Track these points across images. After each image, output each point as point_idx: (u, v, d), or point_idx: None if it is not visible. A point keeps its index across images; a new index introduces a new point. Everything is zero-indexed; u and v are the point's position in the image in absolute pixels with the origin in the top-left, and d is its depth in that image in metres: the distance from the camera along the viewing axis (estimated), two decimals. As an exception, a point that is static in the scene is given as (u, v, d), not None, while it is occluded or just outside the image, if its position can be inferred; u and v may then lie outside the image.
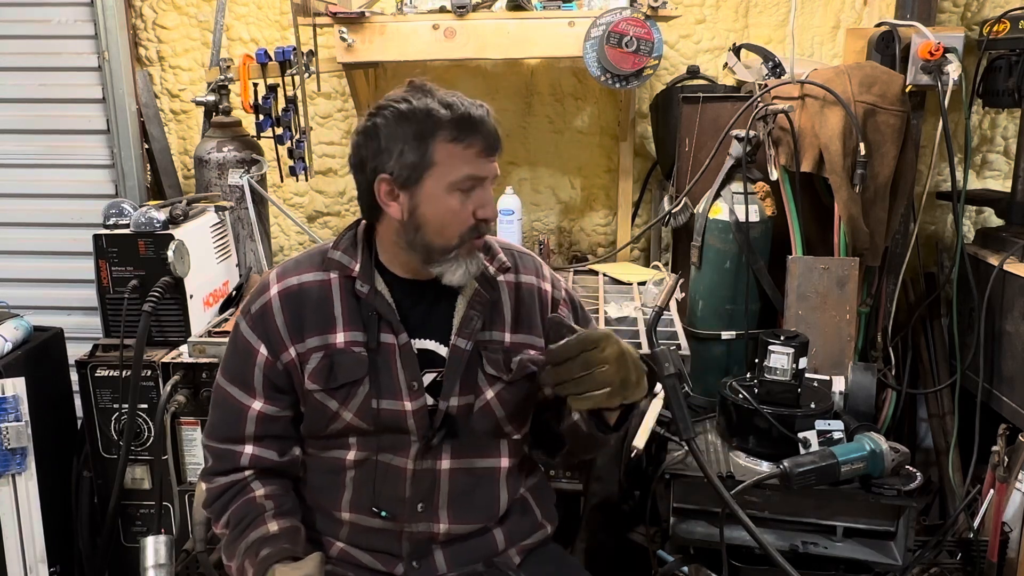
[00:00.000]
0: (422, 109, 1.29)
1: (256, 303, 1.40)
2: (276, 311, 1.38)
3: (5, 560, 2.05)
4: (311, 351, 1.36)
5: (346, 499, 1.41)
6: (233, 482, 1.40)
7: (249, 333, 1.39)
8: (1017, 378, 2.26)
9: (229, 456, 1.40)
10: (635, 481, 2.13)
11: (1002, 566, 2.07)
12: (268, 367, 1.38)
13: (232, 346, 1.43)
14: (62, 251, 2.91)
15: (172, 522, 2.17)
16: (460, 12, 2.35)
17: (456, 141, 1.29)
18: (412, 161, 1.29)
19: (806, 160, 2.27)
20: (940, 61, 2.23)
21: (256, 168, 2.55)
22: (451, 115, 1.28)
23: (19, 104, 2.86)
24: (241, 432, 1.40)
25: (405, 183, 1.30)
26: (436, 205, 1.30)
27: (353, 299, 1.37)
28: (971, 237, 2.73)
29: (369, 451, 1.39)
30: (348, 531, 1.42)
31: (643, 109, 2.87)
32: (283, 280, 1.40)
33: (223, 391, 1.42)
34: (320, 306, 1.38)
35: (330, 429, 1.38)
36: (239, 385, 1.40)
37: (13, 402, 2.01)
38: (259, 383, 1.39)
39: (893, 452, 1.82)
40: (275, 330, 1.37)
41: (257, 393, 1.39)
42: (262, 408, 1.39)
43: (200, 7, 2.91)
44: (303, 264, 1.42)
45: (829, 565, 1.88)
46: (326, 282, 1.39)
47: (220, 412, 1.42)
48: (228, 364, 1.43)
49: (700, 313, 2.36)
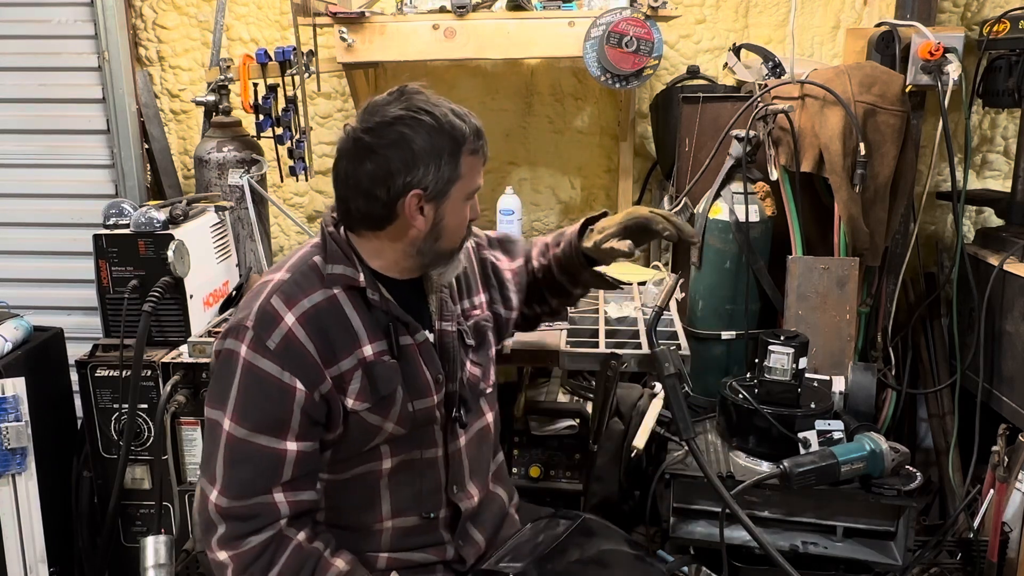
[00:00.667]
0: (448, 121, 1.30)
1: (273, 336, 1.26)
2: (303, 339, 1.28)
3: (5, 560, 2.05)
4: (349, 372, 1.31)
5: (385, 508, 1.40)
6: (270, 538, 1.27)
7: (278, 371, 1.26)
8: (1017, 378, 2.26)
9: (264, 511, 1.26)
10: (635, 481, 2.13)
11: (1002, 566, 2.07)
12: (308, 403, 1.27)
13: (252, 389, 1.26)
14: (62, 251, 2.91)
15: (172, 522, 2.17)
16: (460, 12, 2.35)
17: (475, 153, 1.34)
18: (447, 175, 1.31)
19: (806, 160, 2.27)
20: (940, 61, 2.23)
21: (256, 168, 2.55)
22: (467, 127, 1.31)
23: (19, 104, 2.86)
24: (276, 482, 1.27)
25: (435, 197, 1.31)
26: (457, 215, 1.36)
27: (366, 309, 1.35)
28: (971, 237, 2.73)
29: (403, 454, 1.40)
30: (390, 538, 1.42)
31: (643, 109, 2.87)
32: (295, 304, 1.30)
33: (248, 445, 1.25)
34: (340, 323, 1.32)
35: (370, 444, 1.36)
36: (269, 431, 1.26)
37: (13, 402, 2.01)
38: (296, 422, 1.27)
39: (893, 452, 1.82)
40: (308, 360, 1.27)
41: (291, 433, 1.27)
42: (299, 448, 1.27)
43: (200, 7, 2.91)
44: (303, 284, 1.33)
45: (829, 565, 1.88)
46: (333, 298, 1.33)
47: (249, 467, 1.26)
48: (249, 411, 1.26)
49: (700, 313, 2.36)
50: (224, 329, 1.33)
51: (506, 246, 1.70)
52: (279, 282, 1.33)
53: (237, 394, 1.26)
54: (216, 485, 1.26)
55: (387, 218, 1.32)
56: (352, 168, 1.31)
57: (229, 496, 1.25)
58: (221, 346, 1.31)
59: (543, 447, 2.21)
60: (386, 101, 1.32)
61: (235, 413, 1.26)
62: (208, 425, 1.30)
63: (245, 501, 1.26)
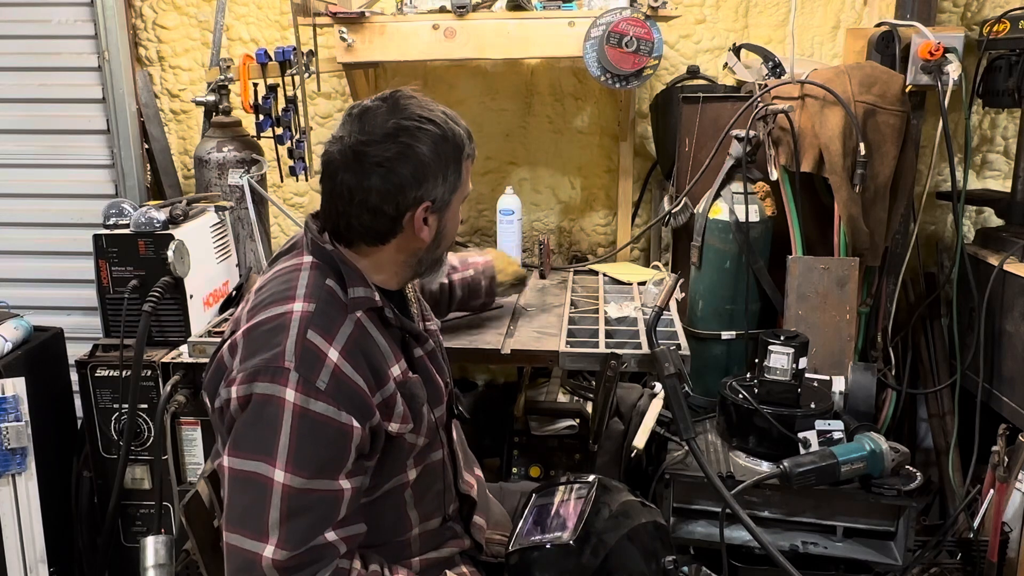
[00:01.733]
0: (449, 128, 1.28)
1: (321, 375, 1.18)
2: (351, 373, 1.21)
3: (5, 560, 2.05)
4: (392, 396, 1.27)
5: (414, 517, 1.40)
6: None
7: (334, 412, 1.17)
8: (1017, 378, 2.26)
9: (325, 552, 1.18)
10: (635, 481, 2.13)
11: (1002, 566, 2.06)
12: (362, 440, 1.22)
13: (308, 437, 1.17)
14: (62, 251, 2.91)
15: (172, 522, 2.17)
16: (460, 12, 2.35)
17: (471, 158, 1.34)
18: (454, 185, 1.30)
19: (806, 160, 2.27)
20: (940, 61, 2.23)
21: (256, 168, 2.55)
22: (464, 132, 1.31)
23: (19, 104, 2.86)
24: (333, 521, 1.19)
25: (440, 207, 1.31)
26: (454, 221, 1.38)
27: (383, 328, 1.32)
28: (971, 237, 2.73)
29: (423, 461, 1.40)
30: (419, 544, 1.42)
31: (643, 109, 2.87)
32: (333, 338, 1.22)
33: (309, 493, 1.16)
34: (374, 348, 1.28)
35: (400, 461, 1.34)
36: (327, 475, 1.18)
37: (13, 402, 2.01)
38: (351, 461, 1.21)
39: (893, 452, 1.82)
40: (360, 394, 1.21)
41: (344, 472, 1.20)
42: (352, 485, 1.21)
43: (200, 7, 2.91)
44: (332, 314, 1.25)
45: (829, 565, 1.88)
46: (359, 323, 1.27)
47: (309, 515, 1.17)
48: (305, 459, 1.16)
49: (700, 313, 2.36)
50: (245, 371, 1.19)
51: None
52: (306, 313, 1.22)
53: (290, 442, 1.15)
54: (271, 540, 1.15)
55: (392, 232, 1.28)
56: (356, 182, 1.24)
57: (289, 548, 1.15)
58: (250, 390, 1.18)
59: (543, 447, 2.21)
60: (380, 108, 1.26)
61: (290, 464, 1.15)
62: (241, 476, 1.17)
63: (304, 547, 1.16)
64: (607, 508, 1.43)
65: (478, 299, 2.01)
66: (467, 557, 1.51)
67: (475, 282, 1.99)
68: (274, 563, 1.14)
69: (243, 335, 1.24)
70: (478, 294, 2.00)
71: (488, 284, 2.00)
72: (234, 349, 1.24)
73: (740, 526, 1.81)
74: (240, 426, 1.19)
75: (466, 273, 1.98)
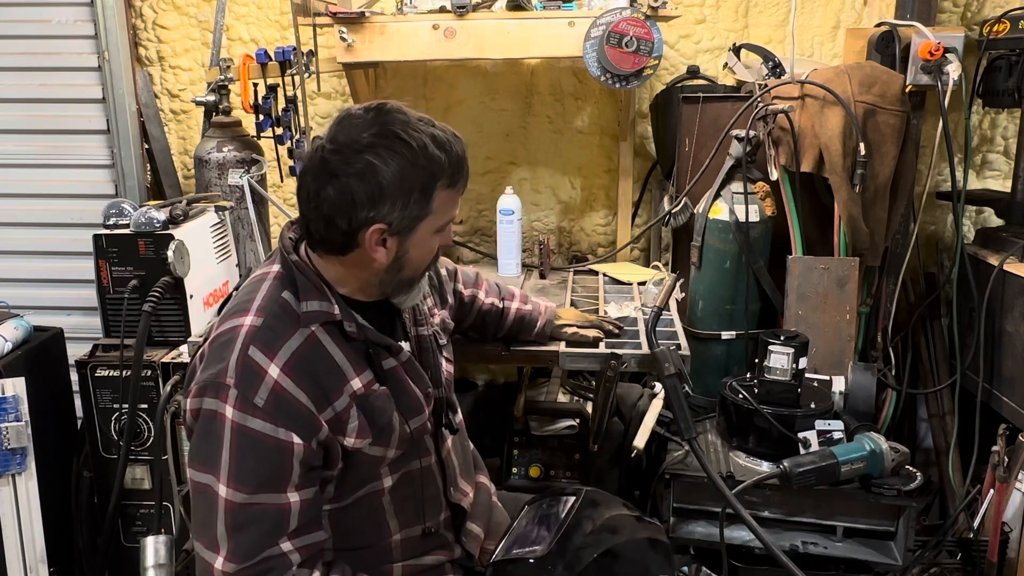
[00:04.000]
0: (426, 155, 1.21)
1: (259, 392, 1.19)
2: (292, 390, 1.20)
3: (5, 560, 2.05)
4: (345, 411, 1.26)
5: (392, 524, 1.39)
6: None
7: (272, 429, 1.18)
8: (1017, 378, 2.26)
9: (276, 564, 1.20)
10: (635, 481, 2.13)
11: (1002, 566, 2.06)
12: (307, 454, 1.21)
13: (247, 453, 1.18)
14: (62, 251, 2.91)
15: (172, 522, 2.17)
16: (460, 12, 2.35)
17: (451, 187, 1.26)
18: (415, 212, 1.24)
19: (806, 160, 2.27)
20: (940, 61, 2.23)
21: (256, 168, 2.55)
22: (448, 159, 1.23)
23: (19, 104, 2.86)
24: (283, 533, 1.20)
25: (399, 232, 1.25)
26: (423, 248, 1.29)
27: (344, 341, 1.29)
28: (971, 237, 2.73)
29: (402, 468, 1.39)
30: (401, 550, 1.41)
31: (643, 109, 2.87)
32: (275, 354, 1.21)
33: (251, 508, 1.18)
34: (325, 362, 1.26)
35: (371, 471, 1.34)
36: (269, 489, 1.19)
37: (13, 402, 2.01)
38: (296, 475, 1.21)
39: (893, 452, 1.82)
40: (301, 410, 1.20)
41: (291, 485, 1.20)
42: (301, 497, 1.22)
43: (200, 7, 2.91)
44: (278, 329, 1.24)
45: (829, 565, 1.88)
46: (312, 337, 1.26)
47: (254, 529, 1.18)
48: (244, 475, 1.17)
49: (700, 313, 2.36)
50: (197, 384, 1.22)
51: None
52: (252, 328, 1.23)
53: (230, 458, 1.18)
54: (221, 552, 1.18)
55: (348, 246, 1.26)
56: (315, 188, 1.23)
57: (237, 560, 1.18)
58: (199, 404, 1.21)
59: (543, 447, 2.21)
60: (360, 119, 1.23)
61: (231, 479, 1.17)
62: (197, 488, 1.21)
63: (254, 559, 1.18)
64: (590, 522, 1.39)
65: (527, 334, 1.89)
66: (458, 566, 1.49)
67: (530, 318, 1.88)
68: (230, 571, 1.17)
69: (208, 346, 1.27)
70: (528, 330, 1.88)
71: (542, 326, 1.89)
72: (202, 357, 1.27)
73: (740, 526, 1.82)
74: (194, 438, 1.23)
75: (524, 307, 1.89)
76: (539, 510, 1.51)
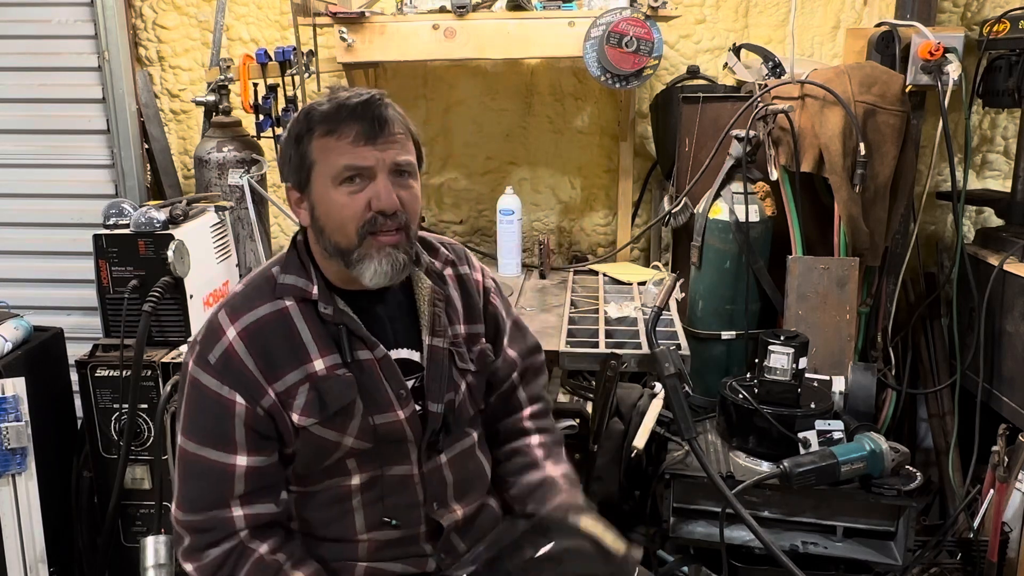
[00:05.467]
0: (303, 111, 1.29)
1: (214, 351, 1.26)
2: (242, 354, 1.26)
3: (5, 560, 2.05)
4: (294, 387, 1.28)
5: (359, 523, 1.37)
6: (230, 549, 1.27)
7: (217, 385, 1.26)
8: (1017, 378, 2.26)
9: (219, 524, 1.27)
10: (635, 481, 2.13)
11: (1002, 566, 2.07)
12: (250, 417, 1.26)
13: (197, 404, 1.28)
14: (62, 251, 2.91)
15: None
16: (460, 12, 2.35)
17: (329, 134, 1.25)
18: (296, 163, 1.29)
19: (806, 160, 2.27)
20: (940, 61, 2.23)
21: (256, 168, 2.55)
22: (328, 109, 1.26)
23: (19, 104, 2.86)
24: (228, 496, 1.26)
25: (300, 187, 1.30)
26: (327, 203, 1.27)
27: (318, 322, 1.30)
28: (971, 237, 2.73)
29: (373, 469, 1.36)
30: (367, 549, 1.39)
31: (643, 109, 2.87)
32: (238, 319, 1.28)
33: (196, 458, 1.27)
34: (286, 337, 1.28)
35: (331, 459, 1.33)
36: (215, 444, 1.26)
37: (13, 402, 2.01)
38: (241, 437, 1.26)
39: (893, 452, 1.82)
40: (247, 375, 1.26)
41: (239, 448, 1.26)
42: (249, 463, 1.27)
43: (200, 7, 2.91)
44: (252, 297, 1.30)
45: (829, 565, 1.88)
46: (283, 311, 1.29)
47: (197, 482, 1.27)
48: (195, 425, 1.27)
49: (700, 313, 2.36)
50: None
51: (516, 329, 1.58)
52: (232, 295, 1.33)
53: (186, 409, 1.29)
54: (175, 497, 1.30)
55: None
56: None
57: (184, 509, 1.28)
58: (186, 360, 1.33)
59: (543, 447, 2.20)
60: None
61: (184, 429, 1.28)
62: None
63: (200, 515, 1.27)
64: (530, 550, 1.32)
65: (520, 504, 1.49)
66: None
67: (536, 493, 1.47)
68: (177, 521, 1.29)
69: None
70: (521, 499, 1.49)
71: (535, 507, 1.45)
72: None
73: (740, 526, 1.82)
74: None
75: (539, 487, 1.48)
76: (500, 531, 1.45)
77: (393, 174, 1.27)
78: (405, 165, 1.28)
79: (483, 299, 1.50)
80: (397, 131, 1.27)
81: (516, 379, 1.55)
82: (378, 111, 1.25)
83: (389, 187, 1.26)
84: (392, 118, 1.27)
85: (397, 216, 1.27)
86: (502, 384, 1.54)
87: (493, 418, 1.56)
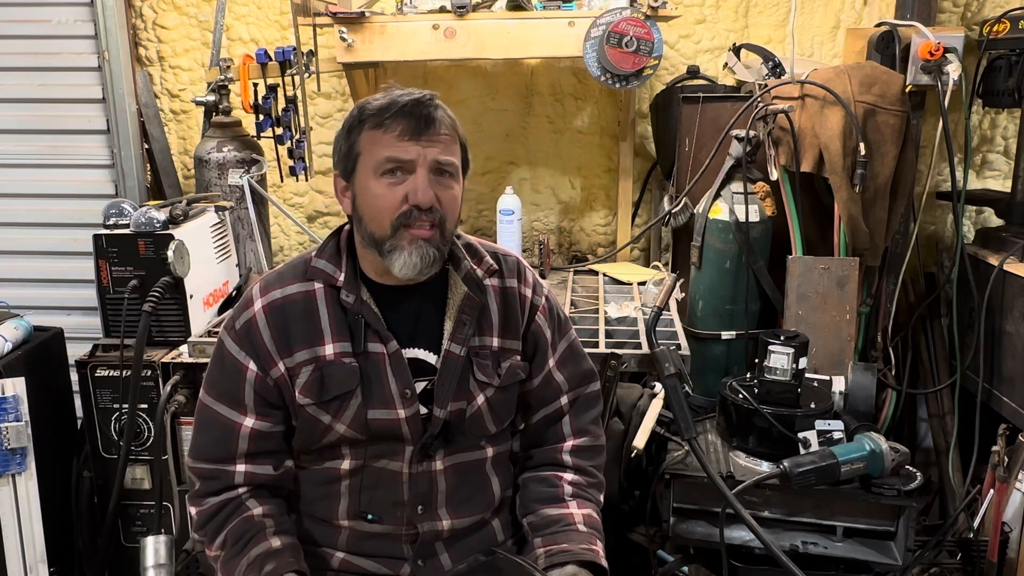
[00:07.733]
0: (358, 105, 1.34)
1: (241, 318, 1.37)
2: (262, 326, 1.35)
3: (5, 560, 2.05)
4: (301, 365, 1.34)
5: (343, 508, 1.39)
6: (227, 500, 1.36)
7: (236, 349, 1.36)
8: (1017, 378, 2.26)
9: (221, 476, 1.36)
10: (635, 481, 2.13)
11: (1002, 566, 2.07)
12: (259, 383, 1.35)
13: (218, 363, 1.39)
14: (62, 251, 2.91)
15: (172, 522, 2.17)
16: (460, 12, 2.35)
17: (377, 127, 1.30)
18: (344, 153, 1.34)
19: (806, 160, 2.27)
20: (940, 61, 2.23)
21: (256, 168, 2.55)
22: (381, 103, 1.31)
23: (19, 104, 2.86)
24: (233, 451, 1.36)
25: (346, 176, 1.35)
26: (367, 193, 1.32)
27: (339, 309, 1.35)
28: (971, 237, 2.73)
29: (362, 459, 1.38)
30: (347, 538, 1.41)
31: (643, 109, 2.87)
32: (267, 294, 1.37)
33: (211, 411, 1.37)
34: (306, 318, 1.35)
35: (323, 442, 1.37)
36: (228, 402, 1.36)
37: (13, 402, 2.01)
38: (250, 399, 1.36)
39: (893, 452, 1.82)
40: (262, 345, 1.35)
41: (248, 409, 1.36)
42: (255, 425, 1.36)
43: (200, 7, 2.91)
44: (286, 276, 1.39)
45: (829, 565, 1.88)
46: (311, 293, 1.36)
47: (208, 432, 1.38)
48: (214, 381, 1.39)
49: (700, 313, 2.36)
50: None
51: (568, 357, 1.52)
52: (272, 271, 1.43)
53: (211, 365, 1.40)
54: (189, 445, 1.42)
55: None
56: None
57: (194, 456, 1.39)
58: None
59: (543, 447, 2.20)
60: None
61: (206, 382, 1.40)
62: None
63: (203, 464, 1.37)
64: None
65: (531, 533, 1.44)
66: None
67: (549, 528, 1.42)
68: (188, 467, 1.40)
69: None
70: (534, 528, 1.44)
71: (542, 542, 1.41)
72: None
73: (740, 526, 1.82)
74: None
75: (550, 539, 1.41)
76: (471, 562, 1.43)
77: (434, 172, 1.30)
78: (446, 165, 1.31)
79: (527, 316, 1.47)
80: (443, 131, 1.31)
81: (565, 406, 1.50)
82: (427, 110, 1.29)
83: (427, 183, 1.29)
84: (440, 119, 1.31)
85: (432, 212, 1.30)
86: (546, 406, 1.50)
87: (533, 441, 1.53)
